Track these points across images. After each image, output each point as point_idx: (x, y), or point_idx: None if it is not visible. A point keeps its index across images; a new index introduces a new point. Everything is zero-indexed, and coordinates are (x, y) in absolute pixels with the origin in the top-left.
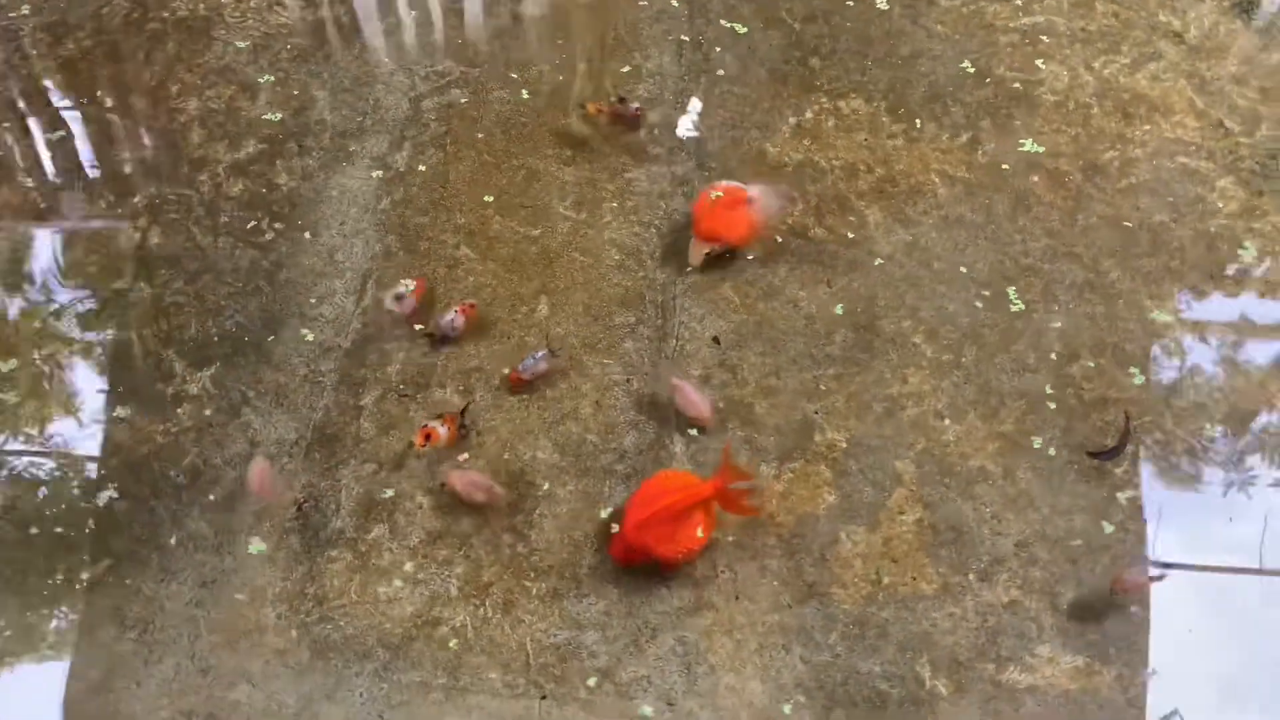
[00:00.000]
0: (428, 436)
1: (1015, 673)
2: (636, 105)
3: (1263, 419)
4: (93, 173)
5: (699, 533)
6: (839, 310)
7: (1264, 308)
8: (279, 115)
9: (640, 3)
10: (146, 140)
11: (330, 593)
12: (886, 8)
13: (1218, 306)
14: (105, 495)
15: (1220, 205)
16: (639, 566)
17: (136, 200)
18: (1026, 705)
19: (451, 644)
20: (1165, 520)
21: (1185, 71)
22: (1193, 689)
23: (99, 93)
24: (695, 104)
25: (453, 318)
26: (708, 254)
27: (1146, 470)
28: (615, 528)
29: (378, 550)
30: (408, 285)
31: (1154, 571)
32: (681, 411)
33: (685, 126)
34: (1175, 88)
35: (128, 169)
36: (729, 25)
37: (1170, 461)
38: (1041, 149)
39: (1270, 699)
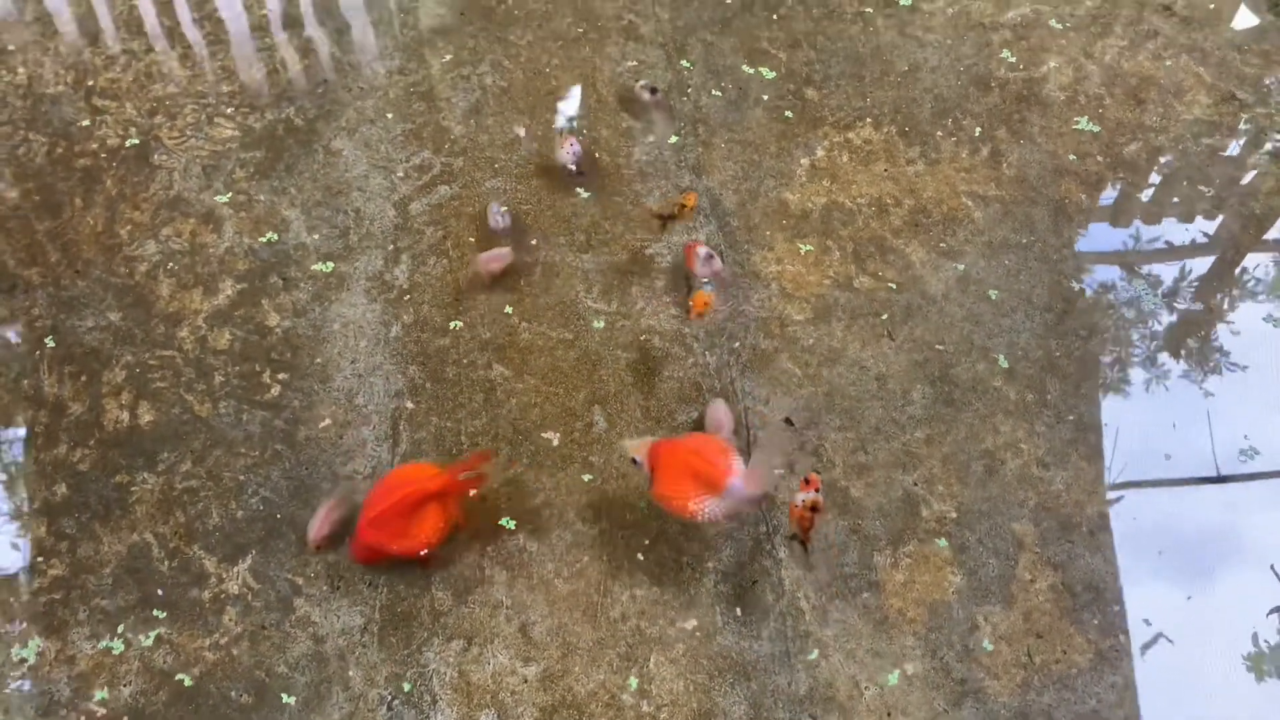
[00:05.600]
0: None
1: None
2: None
3: None
4: (51, 348)
5: (434, 526)
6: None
7: None
8: (253, 245)
9: (608, 52)
10: (108, 299)
11: None
12: (866, 24)
13: None
14: None
15: (1259, 184)
16: (384, 563)
17: (113, 373)
18: None
19: None
20: None
21: (1184, 46)
22: None
23: (38, 253)
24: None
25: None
26: (634, 460)
27: None
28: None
29: None
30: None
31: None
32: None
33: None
34: (1179, 65)
35: (94, 338)
36: (711, 66)
37: None
38: (1098, 128)
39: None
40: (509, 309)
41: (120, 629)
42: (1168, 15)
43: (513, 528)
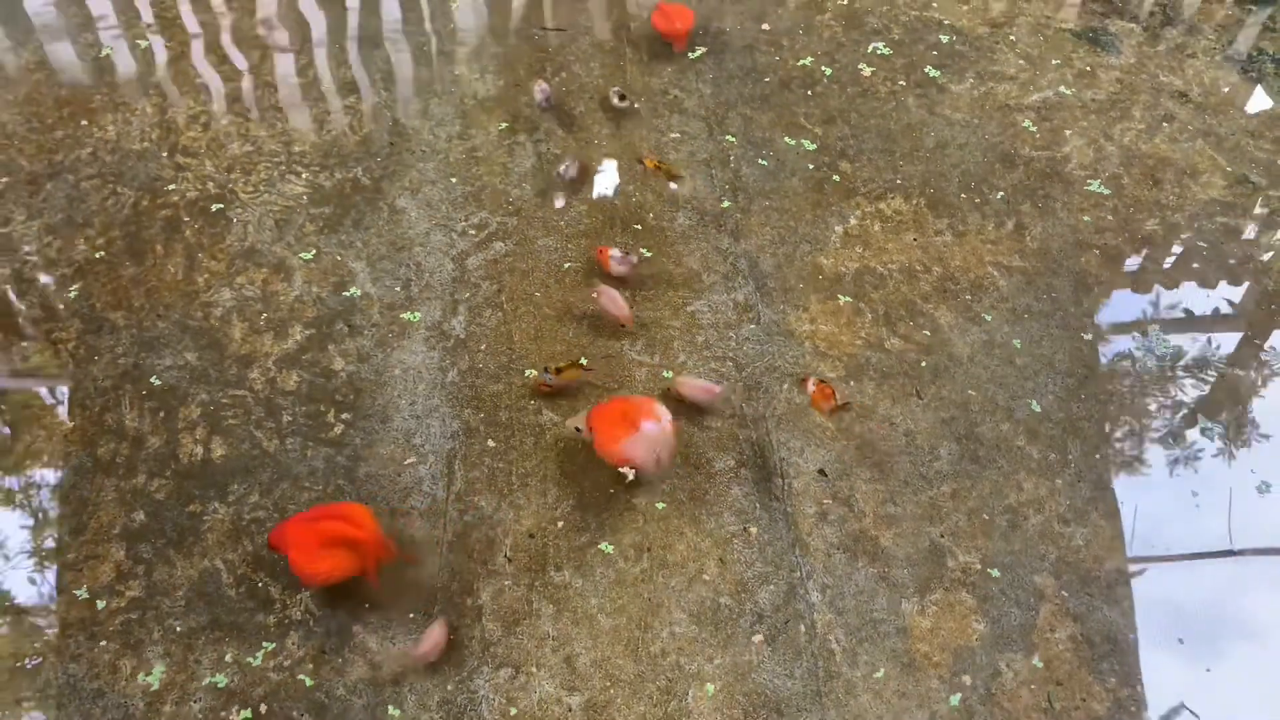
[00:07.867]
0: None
1: None
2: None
3: None
4: (154, 385)
5: (337, 566)
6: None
7: None
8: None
9: (655, 123)
10: (185, 341)
11: None
12: (897, 102)
13: None
14: None
15: (1272, 263)
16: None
17: (189, 409)
18: None
19: None
20: None
21: (1200, 130)
22: None
23: (123, 297)
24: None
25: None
26: (578, 429)
27: None
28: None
29: None
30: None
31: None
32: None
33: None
34: (1195, 148)
35: (172, 376)
36: (750, 137)
37: None
38: (1108, 191)
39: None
40: (583, 359)
41: (190, 649)
42: (1183, 101)
43: (610, 552)
